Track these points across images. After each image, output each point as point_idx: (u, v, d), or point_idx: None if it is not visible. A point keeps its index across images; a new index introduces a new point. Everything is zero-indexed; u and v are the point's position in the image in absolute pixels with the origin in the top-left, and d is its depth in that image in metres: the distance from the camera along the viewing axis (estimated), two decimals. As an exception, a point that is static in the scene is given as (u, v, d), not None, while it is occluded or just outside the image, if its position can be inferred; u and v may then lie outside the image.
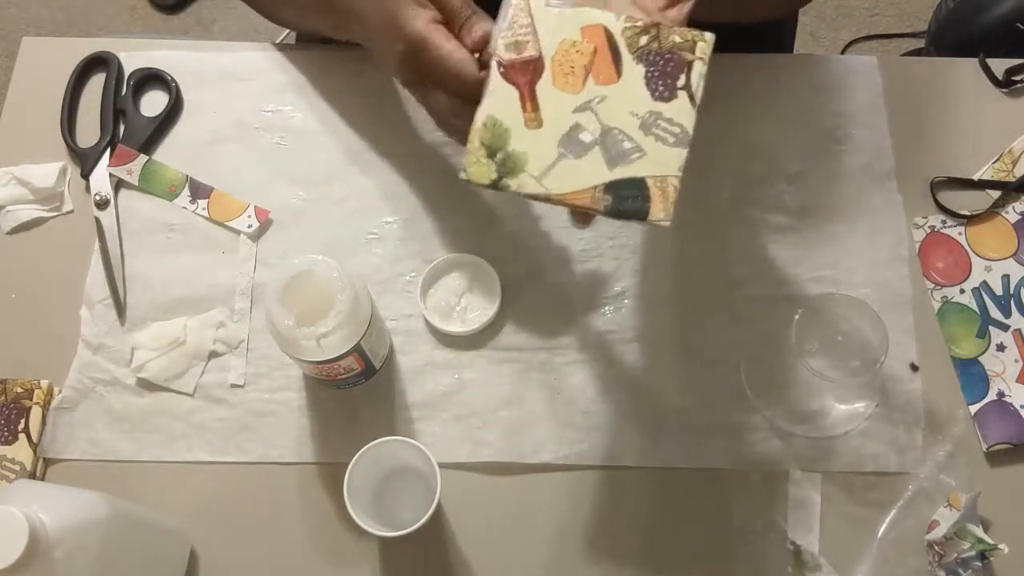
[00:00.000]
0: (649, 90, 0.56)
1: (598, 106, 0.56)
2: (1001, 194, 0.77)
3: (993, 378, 0.72)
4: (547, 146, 0.56)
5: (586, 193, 0.55)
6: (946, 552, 0.65)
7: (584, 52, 0.57)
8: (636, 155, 0.55)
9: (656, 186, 0.54)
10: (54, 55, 0.83)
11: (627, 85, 0.56)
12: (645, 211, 0.54)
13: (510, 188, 0.55)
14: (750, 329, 0.73)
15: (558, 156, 0.55)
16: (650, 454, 0.70)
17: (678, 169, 0.55)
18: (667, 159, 0.55)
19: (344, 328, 0.62)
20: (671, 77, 0.56)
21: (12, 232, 0.77)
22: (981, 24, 1.27)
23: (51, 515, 0.51)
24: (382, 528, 0.61)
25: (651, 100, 0.56)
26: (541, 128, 0.56)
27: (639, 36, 0.57)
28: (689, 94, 0.56)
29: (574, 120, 0.56)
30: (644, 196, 0.54)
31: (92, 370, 0.72)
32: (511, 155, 0.55)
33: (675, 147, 0.55)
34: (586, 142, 0.55)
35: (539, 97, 0.57)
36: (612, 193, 0.55)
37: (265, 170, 0.79)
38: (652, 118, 0.56)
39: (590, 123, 0.56)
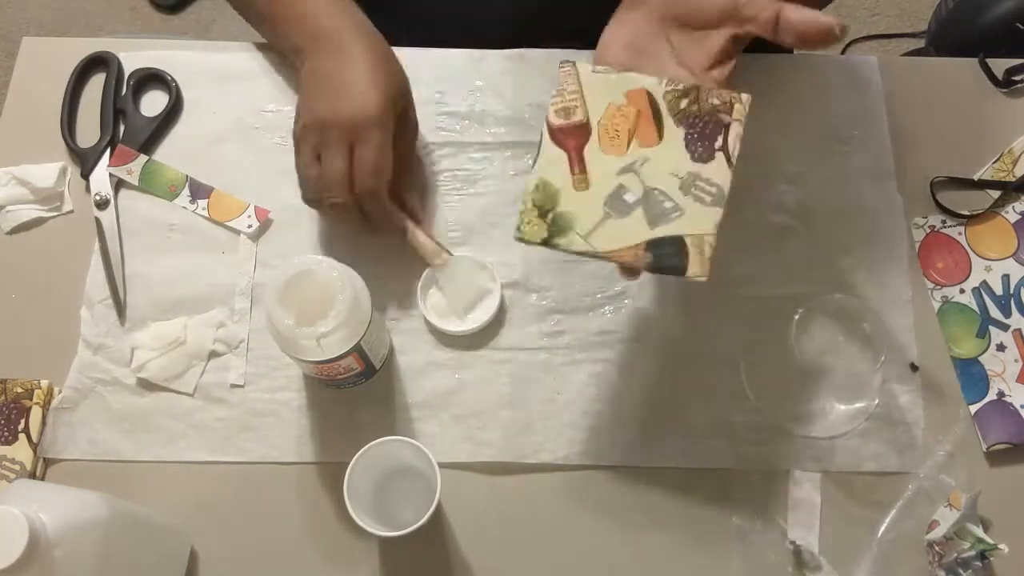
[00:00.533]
0: (689, 151, 0.59)
1: (641, 168, 0.59)
2: (1001, 194, 0.77)
3: (993, 378, 0.72)
4: (594, 206, 0.59)
5: (629, 251, 0.58)
6: (946, 552, 0.65)
7: (628, 116, 0.60)
8: (675, 214, 0.58)
9: (693, 244, 0.58)
10: (54, 55, 0.83)
11: (668, 147, 0.59)
12: (683, 268, 0.58)
13: (560, 247, 0.59)
14: (750, 329, 0.73)
15: (604, 216, 0.59)
16: (650, 454, 0.70)
17: (714, 227, 0.58)
18: (704, 218, 0.58)
19: (344, 328, 0.62)
20: (709, 139, 0.59)
21: (12, 232, 0.77)
22: (981, 24, 1.27)
23: (51, 515, 0.51)
24: (382, 528, 0.61)
25: (690, 161, 0.59)
26: (588, 190, 0.59)
27: (680, 99, 0.60)
28: (726, 155, 0.59)
29: (619, 181, 0.59)
30: (682, 253, 0.58)
31: (92, 370, 0.72)
32: (560, 215, 0.59)
33: (711, 206, 0.58)
34: (629, 202, 0.59)
35: (587, 160, 0.60)
36: (653, 251, 0.58)
37: (265, 170, 0.78)
38: (691, 179, 0.59)
39: (633, 184, 0.59)
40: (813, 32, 0.58)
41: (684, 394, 0.71)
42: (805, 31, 0.59)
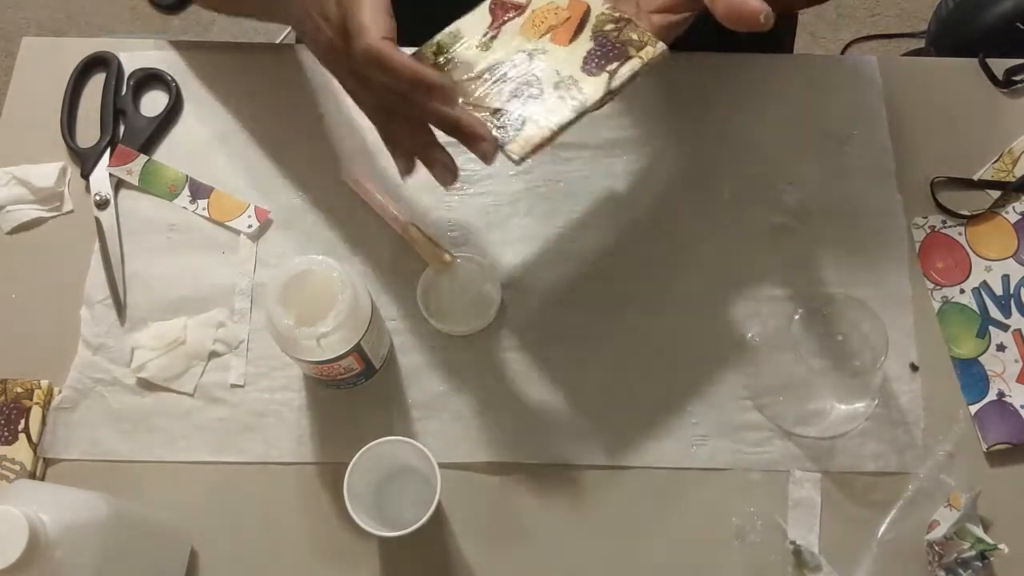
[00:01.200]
0: (583, 62, 0.61)
1: (536, 55, 0.62)
2: (1001, 194, 0.77)
3: (993, 378, 0.72)
4: (479, 64, 0.62)
5: (483, 109, 0.60)
6: (946, 552, 0.65)
7: (559, 16, 0.63)
8: (534, 98, 0.61)
9: (530, 127, 0.59)
10: (54, 55, 0.83)
11: (570, 51, 0.62)
12: (507, 141, 0.59)
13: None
14: (750, 329, 0.73)
15: (479, 74, 0.62)
16: (650, 454, 0.70)
17: (556, 124, 0.59)
18: (554, 113, 0.60)
19: (344, 328, 0.62)
20: (606, 60, 0.61)
21: (12, 232, 0.77)
22: (981, 24, 1.27)
23: (51, 515, 0.51)
24: (382, 528, 0.61)
25: (579, 70, 0.61)
26: (485, 52, 0.63)
27: (608, 22, 0.63)
28: (609, 77, 0.61)
29: (512, 56, 0.62)
30: (517, 130, 0.59)
31: (92, 370, 0.72)
32: (450, 60, 0.63)
33: (567, 108, 0.60)
34: (507, 74, 0.62)
35: (502, 31, 0.63)
36: (498, 116, 0.60)
37: (265, 170, 0.79)
38: (569, 81, 0.61)
39: (521, 62, 0.62)
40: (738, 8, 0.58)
41: (684, 394, 0.71)
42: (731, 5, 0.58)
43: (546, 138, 0.59)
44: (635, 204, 0.77)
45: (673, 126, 0.80)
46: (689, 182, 0.78)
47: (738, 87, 0.81)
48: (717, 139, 0.79)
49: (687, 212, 0.77)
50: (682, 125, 0.80)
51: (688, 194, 0.78)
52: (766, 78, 0.82)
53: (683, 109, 0.81)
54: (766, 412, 0.71)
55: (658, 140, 0.79)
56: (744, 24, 0.58)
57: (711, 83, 0.82)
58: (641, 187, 0.78)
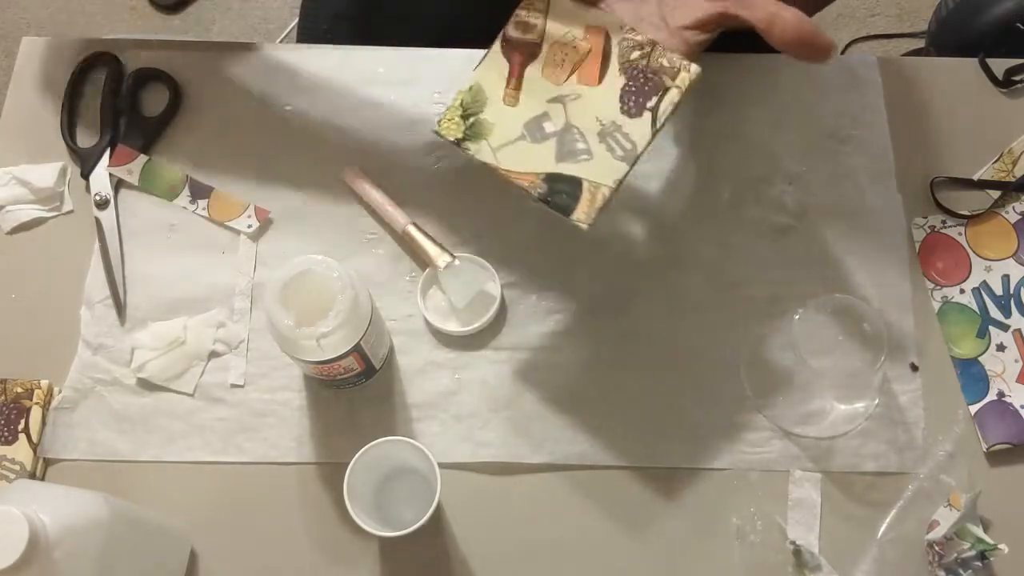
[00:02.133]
0: (621, 102, 0.59)
1: (570, 102, 0.60)
2: (1001, 194, 0.77)
3: (993, 378, 0.72)
4: (513, 124, 0.60)
5: (529, 176, 0.59)
6: (946, 552, 0.65)
7: (579, 50, 0.61)
8: (584, 157, 0.59)
9: (588, 190, 0.58)
10: (54, 55, 0.82)
11: (604, 91, 0.60)
12: (570, 209, 0.58)
13: (468, 151, 0.61)
14: (750, 329, 0.73)
15: (519, 136, 0.60)
16: (650, 454, 0.70)
17: (614, 181, 0.58)
18: (608, 169, 0.58)
19: (344, 328, 0.62)
20: (644, 96, 0.59)
21: (12, 232, 0.77)
22: (981, 24, 1.27)
23: (51, 515, 0.51)
24: (382, 528, 0.61)
25: (618, 112, 0.59)
26: (515, 107, 0.60)
27: (633, 49, 0.60)
28: (653, 116, 0.59)
29: (545, 108, 0.60)
30: (575, 196, 0.58)
31: (92, 370, 0.72)
32: (480, 122, 0.61)
33: (619, 161, 0.58)
34: (547, 131, 0.59)
35: (525, 78, 0.61)
36: (549, 184, 0.59)
37: (265, 170, 0.79)
38: (612, 128, 0.59)
39: (557, 115, 0.60)
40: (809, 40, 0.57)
41: (684, 394, 0.71)
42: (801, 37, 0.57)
43: (607, 198, 0.58)
44: (635, 204, 0.77)
45: (673, 126, 0.80)
46: (689, 182, 0.78)
47: (738, 87, 0.81)
48: (717, 139, 0.79)
49: (687, 212, 0.77)
50: (682, 125, 0.80)
51: (688, 194, 0.78)
52: (766, 78, 0.82)
53: (683, 109, 0.81)
54: (766, 412, 0.71)
55: (658, 140, 0.79)
56: (815, 56, 0.57)
57: (711, 83, 0.81)
58: (641, 187, 0.78)
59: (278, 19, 1.82)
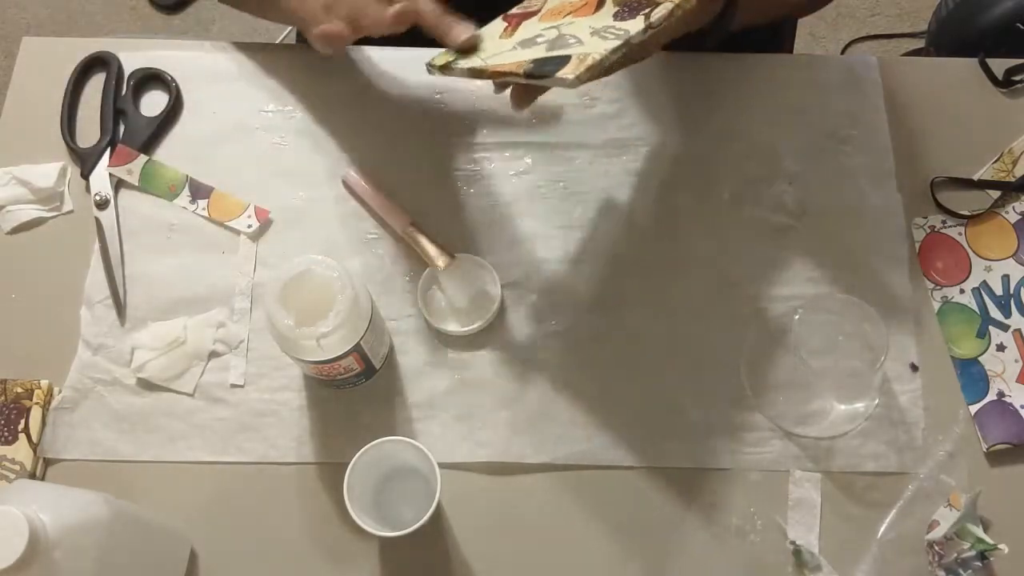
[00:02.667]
0: (614, 17, 0.60)
1: (564, 26, 0.62)
2: (1001, 194, 0.77)
3: (993, 378, 0.72)
4: (506, 45, 0.62)
5: (516, 64, 0.59)
6: (946, 552, 0.65)
7: (575, 4, 0.63)
8: (574, 44, 0.59)
9: (577, 58, 0.57)
10: (54, 55, 0.83)
11: (598, 15, 0.61)
12: (554, 70, 0.57)
13: (458, 66, 0.62)
14: (750, 329, 0.73)
15: (511, 49, 0.62)
16: (650, 454, 0.70)
17: (604, 51, 0.56)
18: (598, 47, 0.57)
19: (344, 328, 0.62)
20: (637, 9, 0.60)
21: (12, 232, 0.77)
22: (981, 24, 1.27)
23: (51, 515, 0.51)
24: (382, 528, 0.61)
25: (611, 19, 0.60)
26: (511, 38, 0.63)
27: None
28: (646, 16, 0.58)
29: (539, 31, 0.62)
30: (563, 63, 0.57)
31: (92, 370, 0.72)
32: (475, 48, 0.63)
33: (611, 41, 0.57)
34: (538, 42, 0.61)
35: (522, 25, 0.64)
36: (536, 64, 0.58)
37: (265, 170, 0.79)
38: (604, 28, 0.59)
39: (550, 32, 0.61)
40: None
41: (684, 394, 0.71)
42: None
43: (597, 61, 0.55)
44: (635, 204, 0.77)
45: (673, 126, 0.80)
46: (689, 182, 0.78)
47: (738, 87, 0.81)
48: (717, 139, 0.79)
49: (687, 212, 0.77)
50: (682, 125, 0.80)
51: (688, 194, 0.78)
52: (766, 78, 0.82)
53: (683, 109, 0.81)
54: (766, 412, 0.71)
55: (658, 140, 0.79)
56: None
57: (711, 83, 0.82)
58: (641, 187, 0.78)
59: (278, 19, 1.82)
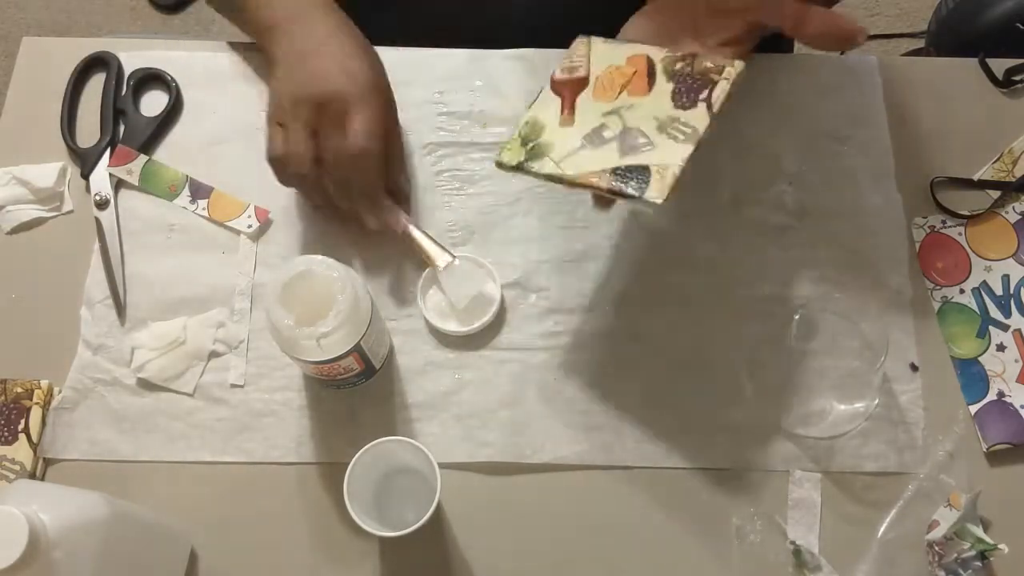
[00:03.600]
0: (674, 101, 0.62)
1: (625, 111, 0.62)
2: (1001, 194, 0.77)
3: (993, 378, 0.72)
4: (573, 139, 0.62)
5: (595, 175, 0.60)
6: (946, 552, 0.65)
7: (626, 74, 0.64)
8: (647, 148, 0.60)
9: (657, 172, 0.59)
10: (54, 55, 0.83)
11: (655, 97, 0.62)
12: (642, 191, 0.59)
13: (532, 169, 0.62)
14: (750, 329, 0.73)
15: (580, 146, 0.62)
16: (650, 454, 0.70)
17: (680, 160, 0.59)
18: (673, 152, 0.60)
19: (344, 328, 0.62)
20: (695, 92, 0.62)
21: (12, 232, 0.77)
22: (981, 24, 1.27)
23: (51, 515, 0.51)
24: (382, 528, 0.61)
25: (673, 108, 0.61)
26: (572, 126, 0.62)
27: (676, 62, 0.63)
28: (708, 104, 0.61)
29: (601, 121, 0.62)
30: (645, 180, 0.59)
31: (92, 370, 0.72)
32: (539, 144, 0.63)
33: (683, 143, 0.60)
34: (607, 137, 0.61)
35: (577, 104, 0.64)
36: (617, 175, 0.60)
37: (265, 170, 0.78)
38: (669, 121, 0.61)
39: (615, 124, 0.62)
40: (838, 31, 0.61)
41: (684, 394, 0.71)
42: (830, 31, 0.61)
43: (677, 176, 0.59)
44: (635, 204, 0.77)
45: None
46: (689, 182, 0.78)
47: (738, 87, 0.81)
48: (717, 139, 0.79)
49: (687, 212, 0.77)
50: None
51: (688, 194, 0.78)
52: (766, 78, 0.82)
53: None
54: (766, 412, 0.71)
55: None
56: (842, 44, 0.62)
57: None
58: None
59: (278, 19, 1.82)
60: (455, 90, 0.81)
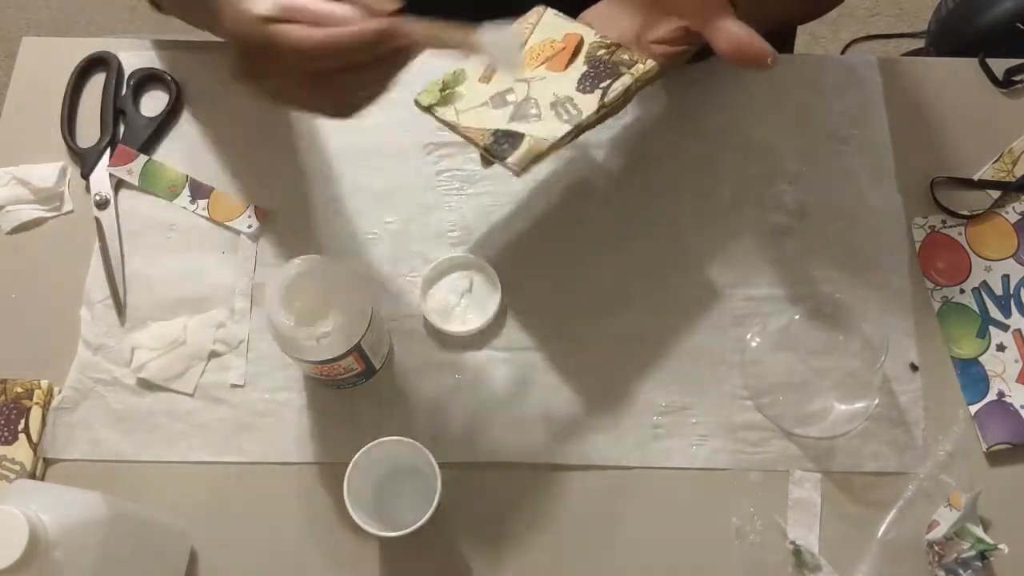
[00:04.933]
0: (578, 83, 0.65)
1: (535, 82, 0.66)
2: (1001, 194, 0.77)
3: (993, 378, 0.72)
4: (481, 96, 0.66)
5: (480, 131, 0.64)
6: (946, 552, 0.65)
7: (554, 48, 0.67)
8: (534, 119, 0.64)
9: (528, 143, 0.62)
10: (54, 55, 0.83)
11: (566, 76, 0.66)
12: (507, 155, 0.62)
13: (435, 113, 0.66)
14: (750, 329, 0.73)
15: (483, 103, 0.66)
16: (650, 454, 0.70)
17: (552, 136, 0.62)
18: (553, 129, 0.63)
19: (344, 328, 0.62)
20: (599, 79, 0.65)
21: (12, 232, 0.77)
22: (981, 24, 1.27)
23: (51, 515, 0.51)
24: (382, 528, 0.61)
25: (574, 90, 0.65)
26: (487, 84, 0.67)
27: (600, 48, 0.66)
28: (603, 93, 0.64)
29: (512, 84, 0.66)
30: (515, 146, 0.62)
31: (92, 370, 0.72)
32: (453, 93, 0.67)
33: (563, 123, 0.63)
34: (508, 101, 0.65)
35: None
36: (496, 137, 0.63)
37: (265, 170, 0.79)
38: (564, 100, 0.64)
39: (520, 91, 0.66)
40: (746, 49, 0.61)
41: (684, 394, 0.71)
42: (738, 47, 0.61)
43: (542, 151, 0.62)
44: (635, 204, 0.77)
45: (673, 126, 0.80)
46: (689, 182, 0.78)
47: (738, 87, 0.81)
48: (717, 139, 0.79)
49: (687, 212, 0.77)
50: (682, 125, 0.80)
51: (688, 194, 0.78)
52: (766, 78, 0.82)
53: (683, 110, 0.81)
54: (766, 412, 0.71)
55: (658, 140, 0.79)
56: (751, 64, 0.61)
57: (711, 84, 0.82)
58: (641, 187, 0.78)
59: (278, 19, 1.82)
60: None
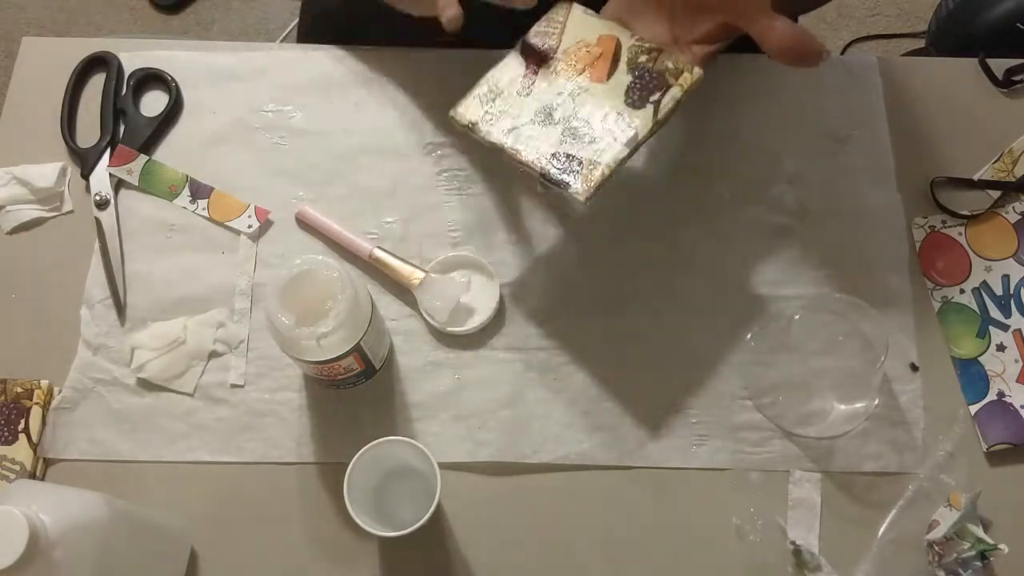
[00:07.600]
0: (625, 96, 0.64)
1: (579, 95, 0.64)
2: (1001, 194, 0.77)
3: (993, 378, 0.72)
4: (524, 113, 0.65)
5: (533, 155, 0.63)
6: (946, 552, 0.65)
7: (592, 54, 0.65)
8: (587, 140, 0.63)
9: (587, 168, 0.61)
10: (54, 55, 0.83)
11: (610, 87, 0.64)
12: (569, 184, 0.62)
13: (480, 133, 0.65)
14: (750, 329, 0.73)
15: (528, 122, 0.64)
16: (650, 454, 0.70)
17: (612, 161, 0.62)
18: (608, 151, 0.62)
19: (344, 328, 0.62)
20: (648, 91, 0.64)
21: (12, 232, 0.77)
22: (981, 24, 1.27)
23: (51, 515, 0.51)
24: (382, 528, 0.61)
25: (622, 103, 0.64)
26: (527, 98, 0.65)
27: (641, 54, 0.65)
28: (655, 108, 0.63)
29: (555, 100, 0.65)
30: (575, 172, 0.61)
31: (92, 370, 0.72)
32: (494, 110, 0.65)
33: (620, 144, 0.62)
34: (555, 119, 0.64)
35: (539, 75, 0.65)
36: (552, 162, 0.62)
37: (265, 170, 0.79)
38: (615, 117, 0.63)
39: (566, 106, 0.64)
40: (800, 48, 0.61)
41: (684, 394, 0.71)
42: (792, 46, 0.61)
43: (606, 176, 0.61)
44: (635, 204, 0.77)
45: (673, 126, 0.80)
46: (689, 182, 0.78)
47: (738, 87, 0.81)
48: (717, 139, 0.79)
49: (687, 212, 0.77)
50: (682, 125, 0.80)
51: (688, 194, 0.78)
52: (766, 78, 0.82)
53: (683, 110, 0.81)
54: (766, 412, 0.71)
55: (658, 140, 0.79)
56: (804, 63, 0.61)
57: (711, 83, 0.82)
58: (642, 188, 0.78)
59: (278, 19, 1.82)
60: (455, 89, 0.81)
